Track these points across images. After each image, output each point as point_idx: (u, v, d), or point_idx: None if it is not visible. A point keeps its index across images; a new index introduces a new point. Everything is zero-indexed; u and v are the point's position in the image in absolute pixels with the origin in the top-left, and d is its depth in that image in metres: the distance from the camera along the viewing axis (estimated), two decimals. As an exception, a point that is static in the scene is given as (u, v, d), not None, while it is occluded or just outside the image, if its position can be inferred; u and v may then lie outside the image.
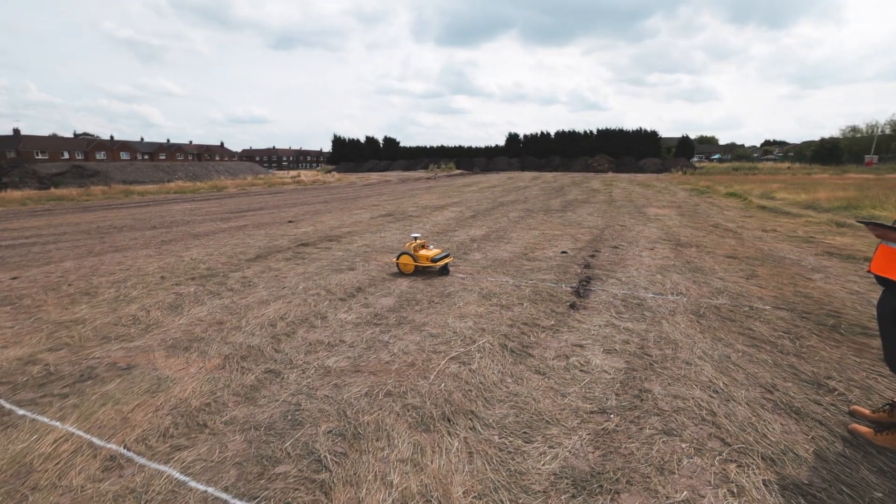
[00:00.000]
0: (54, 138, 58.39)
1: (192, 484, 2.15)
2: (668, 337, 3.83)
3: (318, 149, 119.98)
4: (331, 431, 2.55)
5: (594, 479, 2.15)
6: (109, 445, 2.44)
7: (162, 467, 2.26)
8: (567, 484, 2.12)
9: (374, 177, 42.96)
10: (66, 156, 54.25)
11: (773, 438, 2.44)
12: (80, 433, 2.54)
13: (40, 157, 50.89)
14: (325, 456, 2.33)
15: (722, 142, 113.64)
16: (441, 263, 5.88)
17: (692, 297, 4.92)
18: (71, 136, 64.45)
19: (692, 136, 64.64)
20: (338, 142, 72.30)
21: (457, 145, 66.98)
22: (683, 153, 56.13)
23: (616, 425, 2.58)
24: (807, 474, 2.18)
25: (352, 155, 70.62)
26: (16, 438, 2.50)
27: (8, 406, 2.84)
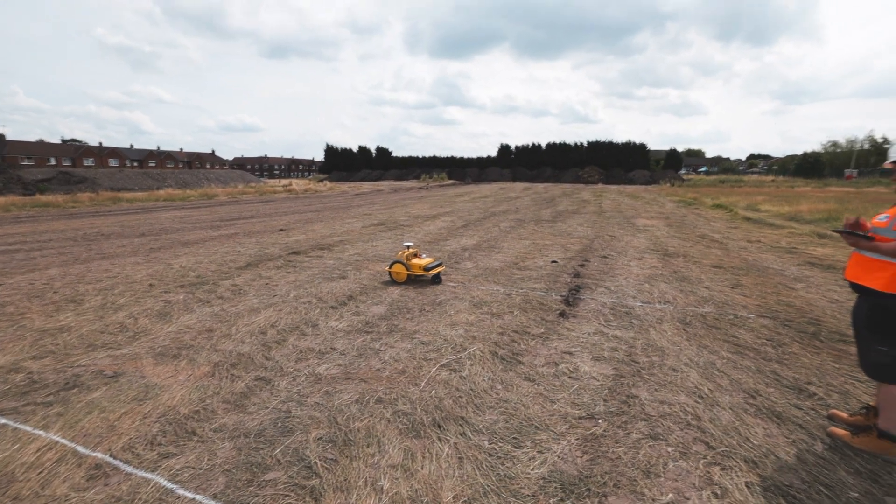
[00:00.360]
0: (41, 144, 57.60)
1: (180, 492, 2.13)
2: (655, 344, 3.90)
3: (311, 158, 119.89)
4: (321, 438, 2.55)
5: (582, 483, 2.18)
6: (95, 454, 2.41)
7: (149, 475, 2.24)
8: (556, 488, 2.15)
9: (366, 186, 43.03)
10: (53, 162, 53.52)
11: (755, 442, 2.50)
12: (65, 442, 2.51)
13: (26, 162, 50.13)
14: (315, 462, 2.33)
15: (709, 155, 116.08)
16: (433, 272, 5.92)
17: (679, 305, 5.02)
18: (58, 141, 63.66)
19: (680, 149, 65.98)
20: (330, 151, 72.38)
21: (449, 156, 67.46)
22: (672, 165, 57.23)
23: (604, 430, 2.62)
24: (787, 476, 2.23)
25: (344, 164, 70.70)
26: (-2, 447, 2.46)
27: (-10, 414, 2.79)
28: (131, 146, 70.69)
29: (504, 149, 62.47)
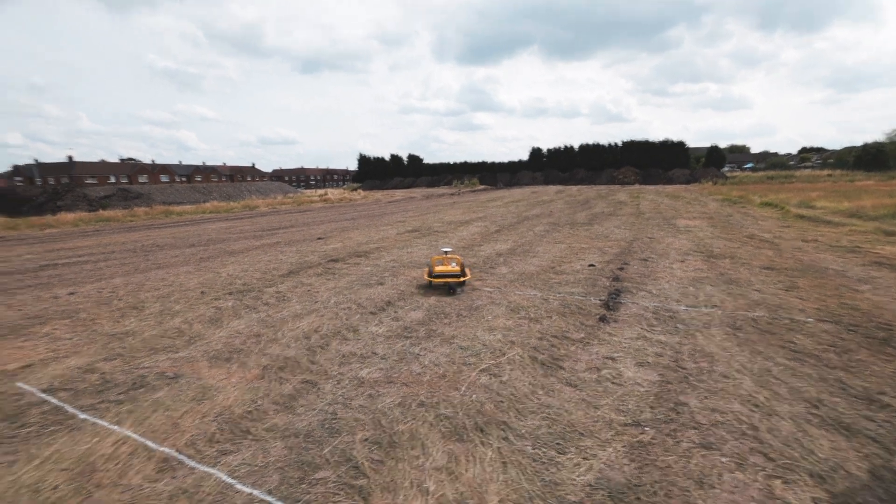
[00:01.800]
0: (102, 164, 62.53)
1: (239, 486, 2.26)
2: (703, 350, 3.74)
3: (345, 167, 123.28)
4: (367, 440, 2.62)
5: (631, 492, 2.12)
6: (162, 448, 2.59)
7: (211, 470, 2.39)
8: (603, 495, 2.11)
9: (399, 194, 43.70)
10: (113, 180, 57.94)
11: (821, 455, 2.35)
12: (136, 437, 2.72)
13: (90, 181, 54.53)
14: (362, 463, 2.40)
15: (754, 150, 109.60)
16: (442, 281, 5.66)
17: (727, 309, 4.78)
18: (117, 160, 68.85)
19: (722, 145, 62.48)
20: (363, 160, 74.16)
21: (480, 161, 67.32)
22: (713, 163, 54.54)
23: (652, 438, 2.54)
24: (861, 493, 2.08)
25: (377, 172, 72.22)
26: (80, 440, 2.70)
27: (71, 410, 3.07)
28: (179, 162, 75.46)
29: (535, 152, 61.73)
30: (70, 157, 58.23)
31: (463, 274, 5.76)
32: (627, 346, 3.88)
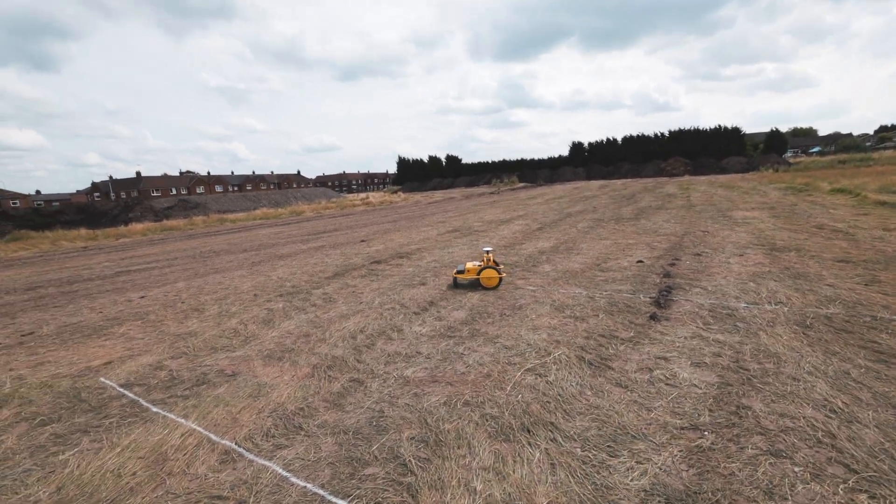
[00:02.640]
0: (165, 177, 67.84)
1: (294, 480, 2.36)
2: (767, 350, 3.46)
3: (385, 171, 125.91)
4: (413, 438, 2.65)
5: (691, 499, 2.00)
6: (224, 441, 2.76)
7: (267, 463, 2.52)
8: (660, 502, 2.00)
9: (439, 195, 44.00)
10: (174, 192, 62.71)
11: (913, 467, 2.10)
12: (201, 430, 2.92)
13: (155, 193, 59.35)
14: (409, 460, 2.43)
15: (822, 132, 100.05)
16: (455, 272, 6.16)
17: (795, 306, 4.40)
18: (177, 174, 74.41)
19: (783, 129, 57.54)
20: (402, 163, 75.41)
21: (518, 158, 66.48)
22: (774, 148, 50.45)
23: (712, 443, 2.38)
24: (964, 511, 1.84)
25: (416, 175, 73.15)
26: (153, 431, 2.93)
27: (145, 404, 3.35)
28: (232, 173, 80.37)
29: (576, 146, 60.04)
30: (138, 173, 63.66)
31: (467, 272, 6.05)
32: (681, 345, 3.68)
